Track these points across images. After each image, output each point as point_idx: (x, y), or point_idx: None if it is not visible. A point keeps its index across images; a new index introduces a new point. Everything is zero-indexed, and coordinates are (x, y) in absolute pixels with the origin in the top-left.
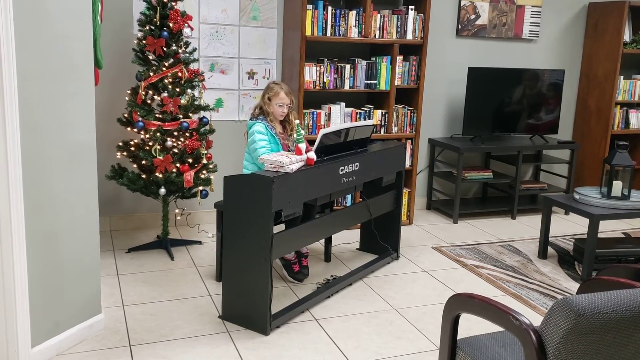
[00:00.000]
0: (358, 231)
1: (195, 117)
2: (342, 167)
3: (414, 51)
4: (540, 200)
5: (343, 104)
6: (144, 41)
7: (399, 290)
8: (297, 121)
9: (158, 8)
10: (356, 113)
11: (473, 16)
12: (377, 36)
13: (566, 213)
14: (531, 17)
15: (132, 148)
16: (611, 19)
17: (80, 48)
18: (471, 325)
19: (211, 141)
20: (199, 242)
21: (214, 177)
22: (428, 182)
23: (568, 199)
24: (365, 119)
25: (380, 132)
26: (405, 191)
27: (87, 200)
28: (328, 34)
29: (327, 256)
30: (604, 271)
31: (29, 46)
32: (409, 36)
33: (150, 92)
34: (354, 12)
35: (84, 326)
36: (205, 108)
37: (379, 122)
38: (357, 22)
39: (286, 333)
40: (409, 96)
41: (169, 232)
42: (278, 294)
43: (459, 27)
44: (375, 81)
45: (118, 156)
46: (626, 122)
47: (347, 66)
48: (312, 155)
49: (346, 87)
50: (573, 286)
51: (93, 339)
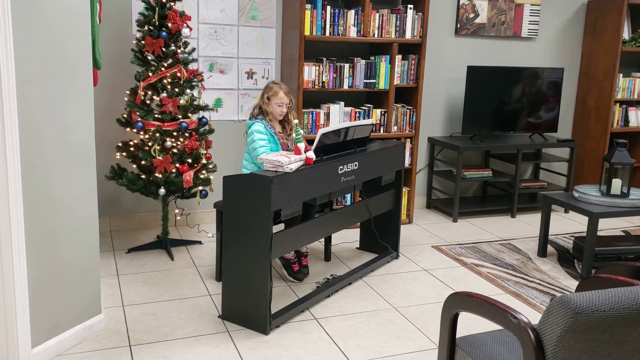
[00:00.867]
0: (358, 230)
1: (194, 117)
2: (342, 167)
3: (413, 50)
4: (539, 198)
5: (342, 104)
6: (143, 41)
7: (399, 289)
8: (296, 121)
9: (157, 8)
10: (355, 112)
11: (472, 15)
12: (376, 35)
13: (566, 211)
14: (530, 16)
15: (132, 148)
16: (610, 17)
17: (78, 49)
18: (471, 323)
19: (210, 141)
20: (199, 242)
21: (214, 177)
22: (428, 181)
23: (567, 197)
24: (364, 118)
25: (379, 131)
26: (404, 190)
27: (87, 200)
28: (327, 34)
29: (327, 255)
30: (603, 269)
31: (28, 47)
32: (408, 35)
33: (149, 93)
34: (353, 12)
35: (84, 326)
36: (204, 108)
37: (378, 122)
38: (356, 22)
39: (286, 332)
40: (408, 95)
41: (169, 232)
42: (278, 294)
43: (458, 26)
44: (374, 80)
45: (117, 157)
46: (625, 120)
47: (346, 65)
48: (311, 154)
49: (345, 87)
50: (573, 284)
51: (93, 339)
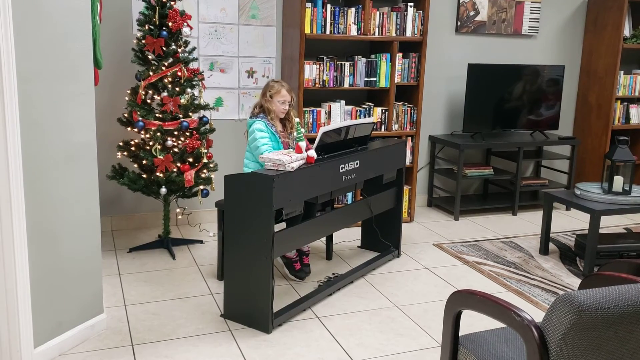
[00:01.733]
0: (359, 229)
1: (195, 117)
2: (343, 165)
3: (414, 48)
4: (541, 196)
5: (343, 102)
6: (144, 41)
7: (401, 287)
8: (297, 119)
9: (157, 7)
10: (356, 111)
11: (472, 12)
12: (377, 33)
13: (567, 209)
14: (531, 13)
15: (133, 148)
16: (611, 14)
17: (79, 48)
18: (473, 321)
19: (211, 140)
20: (200, 241)
21: (215, 176)
22: (429, 179)
23: (569, 195)
24: (365, 117)
25: (380, 130)
26: (406, 188)
27: (88, 200)
28: (327, 32)
29: (329, 254)
30: (606, 266)
31: (29, 47)
32: (409, 33)
33: (150, 92)
34: (353, 10)
35: (86, 326)
36: (205, 107)
37: (379, 120)
38: (357, 20)
39: (288, 331)
40: (409, 93)
41: (170, 232)
42: (280, 292)
43: (459, 24)
44: (375, 79)
45: (118, 156)
46: (627, 117)
47: (347, 64)
48: (313, 153)
49: (346, 85)
50: (575, 282)
51: (95, 339)
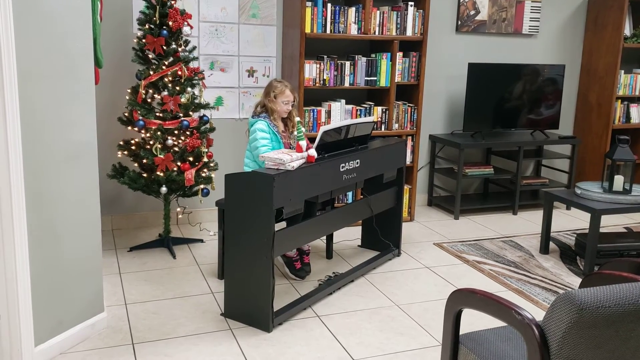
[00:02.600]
0: (359, 228)
1: (195, 116)
2: (343, 164)
3: (414, 47)
4: (541, 195)
5: (343, 101)
6: (144, 40)
7: (401, 286)
8: (298, 118)
9: (157, 7)
10: (356, 110)
11: (473, 12)
12: (377, 33)
13: (567, 208)
14: (531, 12)
15: (133, 147)
16: (611, 13)
17: (80, 47)
18: (473, 320)
19: (212, 139)
20: (201, 241)
21: (215, 175)
22: (429, 179)
23: (569, 194)
24: (365, 116)
25: (380, 129)
26: (406, 188)
27: (89, 199)
28: (328, 31)
29: (329, 253)
30: (606, 265)
31: (29, 46)
32: (409, 32)
33: (150, 91)
34: (354, 9)
35: (87, 325)
36: (205, 106)
37: (380, 119)
38: (357, 19)
39: (288, 330)
40: (409, 92)
41: (171, 231)
42: (280, 291)
43: (459, 23)
44: (375, 78)
45: (119, 155)
46: (627, 117)
47: (347, 63)
48: (313, 152)
49: (346, 84)
50: (575, 281)
51: (96, 338)
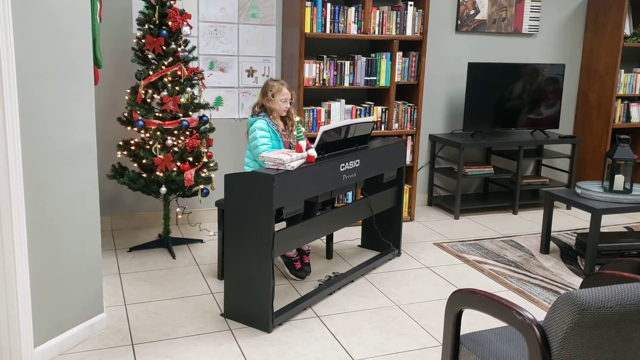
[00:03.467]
0: (359, 228)
1: (195, 116)
2: (343, 164)
3: (414, 47)
4: (541, 195)
5: (343, 101)
6: (143, 40)
7: (401, 286)
8: (298, 118)
9: (157, 7)
10: (356, 110)
11: (472, 11)
12: (377, 32)
13: (568, 208)
14: (531, 12)
15: (133, 147)
16: (611, 13)
17: (79, 47)
18: (474, 320)
19: (211, 139)
20: (201, 241)
21: (215, 176)
22: (429, 178)
23: (570, 194)
24: (365, 116)
25: (380, 129)
26: (406, 187)
27: (88, 199)
28: (327, 31)
29: (329, 253)
30: (607, 265)
31: (28, 46)
32: (409, 32)
33: (149, 91)
34: (353, 9)
35: (86, 326)
36: (205, 106)
37: (379, 119)
38: (356, 19)
39: (289, 330)
40: (409, 92)
41: (170, 231)
42: (280, 292)
43: (459, 23)
44: (375, 77)
45: (118, 155)
46: (627, 116)
47: (347, 63)
48: (313, 152)
49: (346, 84)
50: (576, 281)
51: (95, 339)
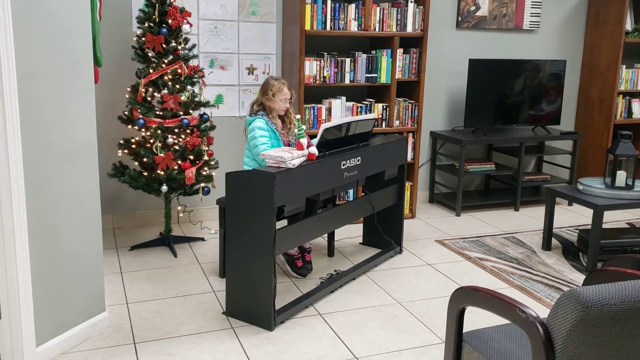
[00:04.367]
0: (361, 225)
1: (195, 114)
2: (344, 162)
3: (415, 44)
4: (543, 191)
5: (344, 98)
6: (143, 38)
7: (403, 283)
8: (298, 116)
9: (157, 5)
10: (357, 107)
11: (473, 8)
12: (377, 29)
13: (569, 204)
14: (532, 8)
15: (133, 146)
16: (612, 8)
17: (79, 46)
18: (476, 318)
19: (212, 137)
20: (202, 239)
21: (216, 174)
22: (430, 175)
23: (572, 190)
24: (366, 113)
25: (381, 126)
26: (407, 185)
27: (89, 198)
28: (328, 28)
29: (330, 251)
30: (610, 262)
31: (28, 44)
32: (409, 29)
33: (150, 89)
34: (354, 6)
35: (88, 324)
36: (205, 104)
37: (380, 116)
38: (357, 16)
39: (290, 328)
40: (410, 89)
41: (172, 230)
42: (282, 290)
43: (459, 19)
44: (375, 75)
45: (119, 154)
46: (629, 112)
47: (348, 60)
48: (314, 150)
49: (347, 81)
50: (578, 277)
51: (97, 337)
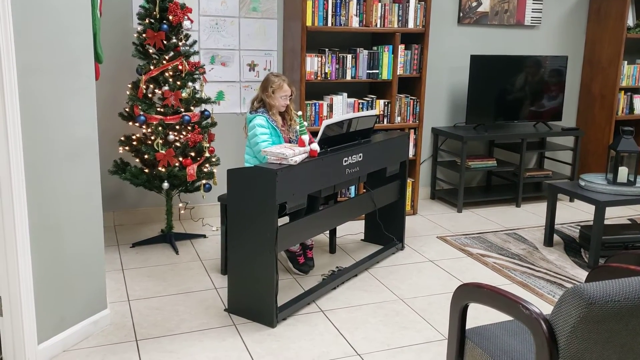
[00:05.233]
0: (362, 222)
1: (196, 111)
2: (346, 158)
3: (416, 40)
4: (544, 187)
5: (345, 95)
6: (144, 34)
7: (405, 280)
8: (300, 112)
9: (157, 1)
10: (359, 103)
11: (474, 3)
12: (379, 25)
13: (571, 200)
14: (533, 3)
15: (135, 142)
16: (614, 4)
17: (80, 42)
18: (478, 314)
19: (213, 134)
20: (204, 236)
21: (217, 170)
22: (432, 172)
23: (573, 186)
24: (367, 109)
25: (383, 122)
26: (409, 181)
27: (91, 195)
28: (329, 24)
29: (332, 247)
30: (613, 258)
31: (29, 41)
32: (411, 25)
33: (151, 86)
34: (355, 1)
35: (90, 322)
36: (206, 101)
37: (382, 112)
38: (358, 12)
39: (293, 325)
40: (412, 85)
41: (173, 226)
42: (284, 286)
43: (461, 15)
44: (377, 71)
45: (120, 151)
46: (630, 108)
47: (349, 56)
48: (316, 146)
49: (348, 78)
50: (580, 273)
51: (99, 335)
